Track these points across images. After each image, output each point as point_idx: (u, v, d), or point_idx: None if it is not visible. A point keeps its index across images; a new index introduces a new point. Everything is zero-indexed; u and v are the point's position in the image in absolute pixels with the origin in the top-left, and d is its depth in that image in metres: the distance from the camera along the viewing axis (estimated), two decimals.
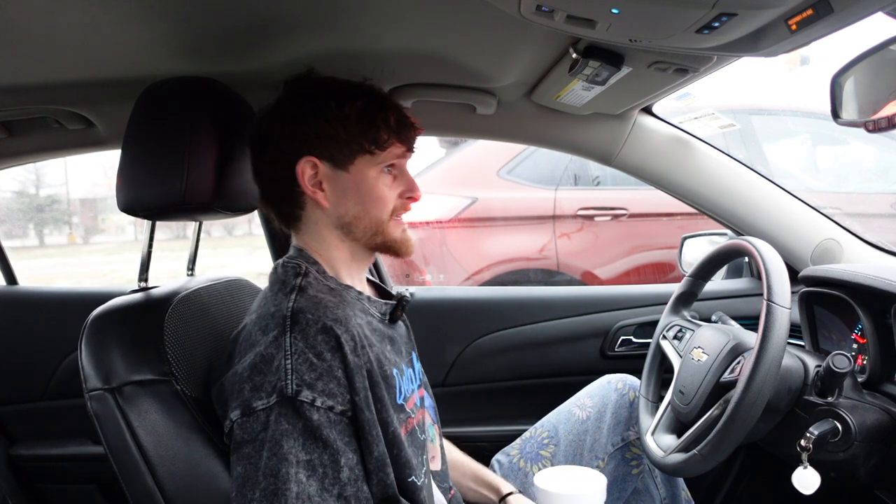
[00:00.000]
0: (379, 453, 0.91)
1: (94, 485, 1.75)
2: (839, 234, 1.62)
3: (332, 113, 0.98)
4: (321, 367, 0.86)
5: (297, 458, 0.84)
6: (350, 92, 1.01)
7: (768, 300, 1.04)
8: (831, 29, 0.75)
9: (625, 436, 1.30)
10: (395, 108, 1.03)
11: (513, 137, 1.72)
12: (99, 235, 7.51)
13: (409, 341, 1.14)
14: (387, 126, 1.00)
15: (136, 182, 1.05)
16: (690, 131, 1.62)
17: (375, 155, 1.00)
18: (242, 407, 0.87)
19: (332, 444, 0.86)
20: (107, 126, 1.46)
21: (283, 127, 1.00)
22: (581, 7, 0.77)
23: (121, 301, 1.05)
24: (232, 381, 0.91)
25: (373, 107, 1.00)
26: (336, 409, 0.87)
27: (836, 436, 1.03)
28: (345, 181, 1.00)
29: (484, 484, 1.26)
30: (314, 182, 0.99)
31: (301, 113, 0.99)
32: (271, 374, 0.86)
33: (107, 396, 0.96)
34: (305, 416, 0.85)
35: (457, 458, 1.30)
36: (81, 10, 0.96)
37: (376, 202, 1.01)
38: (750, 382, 1.00)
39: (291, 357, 0.86)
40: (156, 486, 0.96)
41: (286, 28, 1.09)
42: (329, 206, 1.00)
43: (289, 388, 0.85)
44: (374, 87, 1.04)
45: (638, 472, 1.29)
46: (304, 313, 0.89)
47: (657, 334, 1.38)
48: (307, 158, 0.98)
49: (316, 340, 0.87)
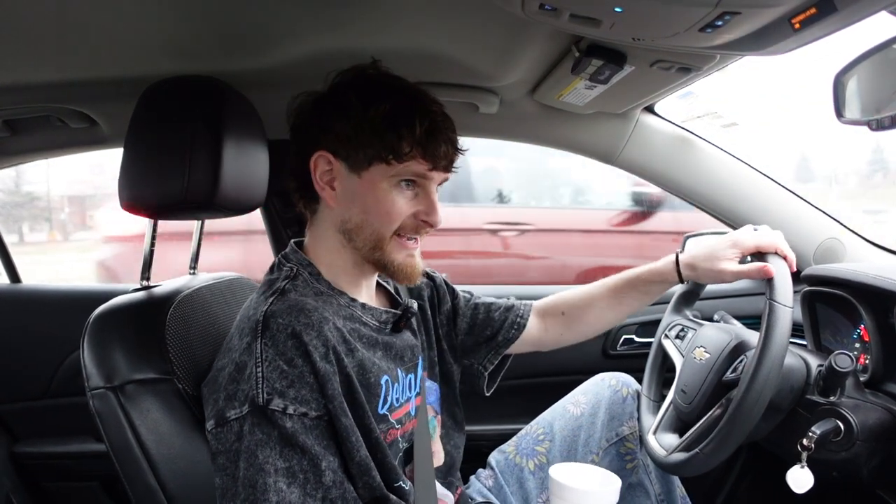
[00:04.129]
0: (361, 458, 0.89)
1: (96, 482, 1.76)
2: (842, 233, 1.62)
3: (356, 113, 0.93)
4: (292, 374, 0.84)
5: (274, 466, 0.83)
6: (382, 91, 0.94)
7: (771, 299, 1.03)
8: (834, 28, 0.75)
9: (619, 431, 1.30)
10: (428, 119, 0.93)
11: (515, 136, 1.72)
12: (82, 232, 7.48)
13: (416, 347, 1.10)
14: (411, 137, 0.92)
15: (139, 180, 1.05)
16: (693, 130, 1.61)
17: (392, 165, 0.93)
18: (216, 417, 0.87)
19: (311, 450, 0.84)
20: (110, 124, 1.46)
21: (311, 114, 0.98)
22: (585, 6, 0.77)
23: (123, 300, 1.06)
24: (210, 386, 0.91)
25: (400, 113, 0.92)
26: (311, 415, 0.85)
27: (839, 435, 1.02)
28: (355, 186, 0.95)
29: (642, 282, 1.26)
30: (327, 179, 0.96)
31: (328, 105, 0.96)
32: (244, 382, 0.85)
33: (109, 395, 0.96)
34: (279, 425, 0.83)
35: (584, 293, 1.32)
36: (84, 9, 0.96)
37: (382, 216, 0.95)
38: (752, 381, 1.00)
39: (262, 365, 0.85)
40: (157, 484, 0.96)
41: (288, 27, 1.09)
42: (336, 207, 0.97)
43: (260, 397, 0.83)
44: (414, 89, 0.97)
45: (632, 466, 1.29)
46: (276, 318, 0.87)
47: (659, 333, 1.38)
48: (322, 153, 0.95)
49: (286, 346, 0.85)
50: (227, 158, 1.03)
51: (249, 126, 1.11)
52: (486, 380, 1.29)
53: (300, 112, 1.00)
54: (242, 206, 1.13)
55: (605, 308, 1.29)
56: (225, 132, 1.03)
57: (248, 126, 1.10)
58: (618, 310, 1.29)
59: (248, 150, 1.10)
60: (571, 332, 1.33)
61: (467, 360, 1.28)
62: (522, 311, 1.30)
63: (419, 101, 0.96)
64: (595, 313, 1.30)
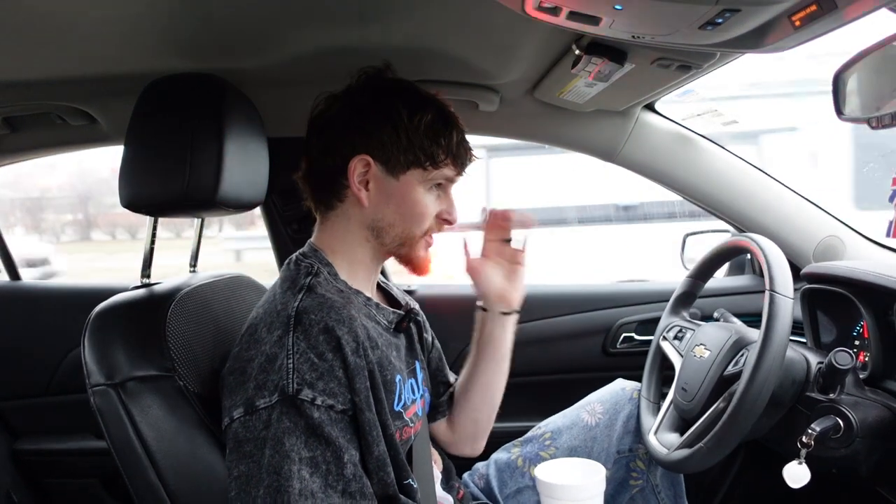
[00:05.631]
0: (379, 453, 0.91)
1: (96, 479, 1.76)
2: (842, 230, 1.62)
3: (401, 119, 0.97)
4: (322, 367, 0.87)
5: (299, 455, 0.84)
6: (423, 102, 1.00)
7: (771, 290, 1.04)
8: (835, 25, 0.75)
9: (633, 446, 1.28)
10: (459, 131, 1.02)
11: (515, 134, 1.72)
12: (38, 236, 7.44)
13: (414, 351, 1.12)
14: (448, 146, 1.00)
15: (139, 178, 1.05)
16: (693, 128, 1.61)
17: (428, 171, 1.00)
18: (246, 405, 0.88)
19: (335, 442, 0.86)
20: (109, 122, 1.46)
21: (350, 117, 0.99)
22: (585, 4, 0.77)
23: (123, 297, 1.06)
24: (237, 376, 0.91)
25: (440, 123, 0.99)
26: (337, 408, 0.87)
27: (838, 432, 1.03)
28: (392, 188, 0.99)
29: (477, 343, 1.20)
30: (362, 180, 0.99)
31: (370, 109, 0.99)
32: (274, 372, 0.87)
33: (110, 392, 0.96)
34: (306, 415, 0.85)
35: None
36: (84, 5, 0.96)
37: (416, 217, 1.01)
38: (756, 371, 1.00)
39: (293, 356, 0.87)
40: (158, 481, 0.96)
41: (288, 24, 1.09)
42: (368, 206, 1.00)
43: (290, 386, 0.85)
44: (444, 103, 1.04)
45: (636, 484, 1.27)
46: (308, 313, 0.89)
47: (657, 335, 1.38)
48: (362, 157, 0.98)
49: (318, 340, 0.87)
50: (228, 156, 1.03)
51: (250, 123, 1.11)
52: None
53: (332, 113, 1.01)
54: (243, 203, 1.13)
55: (470, 397, 1.24)
56: (226, 129, 1.03)
57: (248, 123, 1.10)
58: (476, 387, 1.22)
59: (249, 148, 1.10)
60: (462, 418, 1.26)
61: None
62: (444, 407, 1.27)
63: (449, 112, 1.03)
64: (469, 408, 1.25)
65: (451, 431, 1.27)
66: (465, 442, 1.27)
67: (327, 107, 1.01)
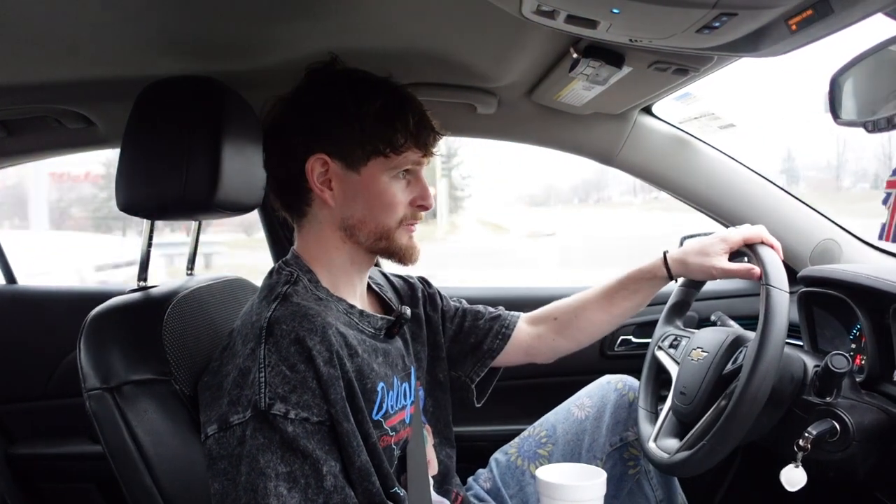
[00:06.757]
0: (361, 463, 0.89)
1: (92, 484, 1.75)
2: (838, 234, 1.62)
3: (349, 111, 0.94)
4: (295, 379, 0.85)
5: (275, 471, 0.83)
6: (371, 89, 0.97)
7: (767, 284, 1.04)
8: (831, 29, 0.75)
9: (623, 436, 1.29)
10: (416, 111, 0.98)
11: (513, 137, 1.72)
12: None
13: (408, 356, 1.10)
14: (405, 129, 0.96)
15: (136, 181, 1.05)
16: (690, 131, 1.62)
17: (390, 158, 0.96)
18: (219, 421, 0.87)
19: (312, 454, 0.84)
20: (106, 125, 1.46)
21: (297, 118, 0.97)
22: (582, 7, 0.77)
23: (120, 300, 1.05)
24: (213, 391, 0.91)
25: (392, 107, 0.96)
26: (312, 420, 0.85)
27: (835, 436, 1.03)
28: (355, 183, 0.97)
29: (632, 281, 1.26)
30: (323, 180, 0.97)
31: (317, 106, 0.96)
32: (247, 387, 0.85)
33: (105, 396, 0.95)
34: (280, 429, 0.83)
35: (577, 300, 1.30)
36: (81, 8, 0.95)
37: (386, 208, 0.98)
38: (756, 363, 1.00)
39: (265, 370, 0.85)
40: (154, 486, 0.95)
41: (286, 27, 1.09)
42: (335, 205, 0.98)
43: (262, 401, 0.84)
44: (396, 85, 1.00)
45: (634, 472, 1.28)
46: (280, 324, 0.87)
47: (652, 346, 1.37)
48: (318, 156, 0.96)
49: (289, 352, 0.85)
50: (225, 159, 1.03)
51: (247, 127, 1.11)
52: (475, 392, 1.28)
53: (281, 118, 0.99)
54: (241, 206, 1.12)
55: (597, 310, 1.28)
56: (223, 132, 1.03)
57: (245, 126, 1.10)
58: (609, 311, 1.28)
59: (247, 151, 1.09)
60: (564, 338, 1.31)
61: (454, 370, 1.26)
62: (509, 321, 1.28)
63: (402, 93, 0.99)
64: (587, 316, 1.29)
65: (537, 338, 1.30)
66: (569, 346, 1.33)
67: (276, 111, 1.00)
